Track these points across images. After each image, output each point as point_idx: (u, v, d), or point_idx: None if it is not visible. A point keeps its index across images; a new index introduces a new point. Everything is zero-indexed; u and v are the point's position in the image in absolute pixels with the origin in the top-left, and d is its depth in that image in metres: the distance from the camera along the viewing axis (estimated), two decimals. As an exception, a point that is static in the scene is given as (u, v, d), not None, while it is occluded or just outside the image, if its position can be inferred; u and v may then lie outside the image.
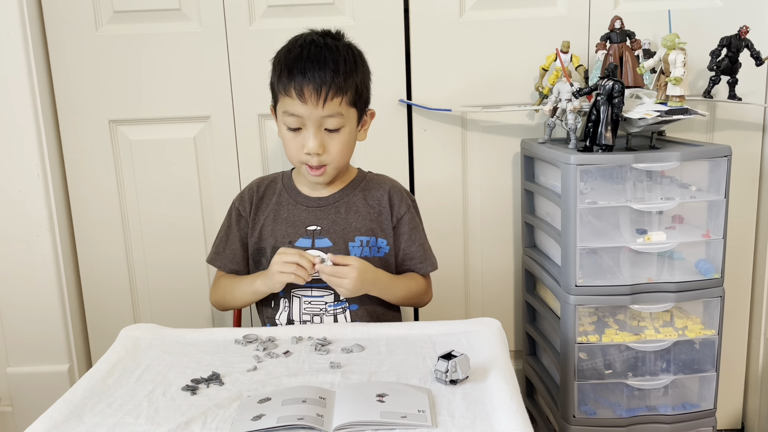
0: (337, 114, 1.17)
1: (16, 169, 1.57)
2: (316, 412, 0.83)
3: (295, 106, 1.17)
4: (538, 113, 1.63)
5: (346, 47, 1.21)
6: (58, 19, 1.57)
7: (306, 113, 1.17)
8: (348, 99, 1.18)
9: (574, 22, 1.59)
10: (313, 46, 1.18)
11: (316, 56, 1.16)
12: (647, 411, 1.42)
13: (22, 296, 1.64)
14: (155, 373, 1.00)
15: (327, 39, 1.20)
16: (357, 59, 1.21)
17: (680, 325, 1.40)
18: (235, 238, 1.32)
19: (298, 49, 1.18)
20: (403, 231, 1.29)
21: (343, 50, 1.19)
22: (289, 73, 1.16)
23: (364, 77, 1.23)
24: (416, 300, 1.33)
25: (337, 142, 1.20)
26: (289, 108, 1.18)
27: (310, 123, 1.18)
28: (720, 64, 1.46)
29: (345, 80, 1.16)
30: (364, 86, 1.23)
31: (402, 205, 1.30)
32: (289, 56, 1.18)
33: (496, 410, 0.85)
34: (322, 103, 1.15)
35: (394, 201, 1.30)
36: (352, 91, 1.18)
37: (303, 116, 1.17)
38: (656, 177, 1.35)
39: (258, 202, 1.31)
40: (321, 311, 1.24)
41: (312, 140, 1.18)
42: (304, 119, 1.17)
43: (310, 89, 1.15)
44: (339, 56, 1.17)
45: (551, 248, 1.51)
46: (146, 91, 1.61)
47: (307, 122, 1.18)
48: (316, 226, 1.26)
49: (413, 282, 1.31)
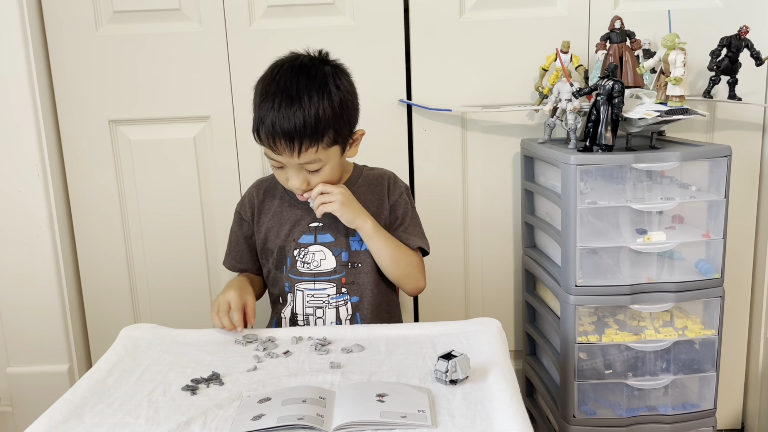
0: (314, 160, 1.17)
1: (16, 169, 1.57)
2: (316, 412, 0.83)
3: (272, 154, 1.17)
4: (538, 113, 1.63)
5: (322, 85, 1.15)
6: (58, 19, 1.57)
7: (283, 161, 1.17)
8: (325, 143, 1.16)
9: (574, 22, 1.59)
10: (285, 94, 1.14)
11: (287, 108, 1.13)
12: (647, 411, 1.42)
13: (22, 296, 1.64)
14: (155, 373, 1.00)
15: (300, 80, 1.15)
16: (333, 97, 1.15)
17: (680, 325, 1.40)
18: (240, 240, 1.36)
19: (270, 99, 1.15)
20: (393, 217, 1.31)
21: (317, 92, 1.15)
22: (261, 123, 1.15)
23: (344, 112, 1.18)
24: (408, 270, 1.28)
25: (320, 177, 1.20)
26: (268, 153, 1.19)
27: (289, 166, 1.18)
28: (720, 64, 1.46)
29: (318, 128, 1.13)
30: (344, 122, 1.18)
31: (395, 191, 1.32)
32: (263, 105, 1.15)
33: (496, 410, 0.85)
34: (297, 154, 1.14)
35: (390, 188, 1.32)
36: (330, 134, 1.16)
37: (281, 161, 1.18)
38: (656, 177, 1.35)
39: (259, 206, 1.33)
40: (323, 304, 1.27)
41: (294, 180, 1.19)
42: (283, 163, 1.18)
43: (282, 143, 1.14)
44: (311, 104, 1.13)
45: (551, 248, 1.51)
46: (146, 91, 1.61)
47: (287, 166, 1.19)
48: (318, 222, 1.28)
49: (403, 248, 1.28)
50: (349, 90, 1.21)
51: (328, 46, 1.34)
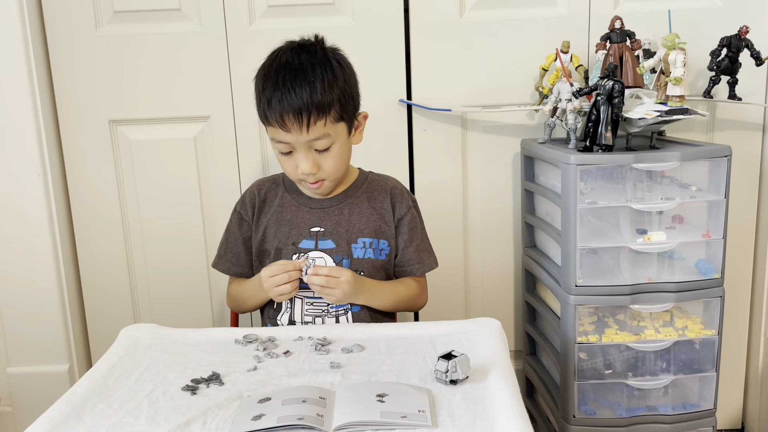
0: (323, 135, 1.16)
1: (16, 169, 1.57)
2: (316, 412, 0.83)
3: (280, 134, 1.16)
4: (538, 113, 1.63)
5: (323, 60, 1.16)
6: (58, 19, 1.57)
7: (292, 140, 1.16)
8: (333, 117, 1.16)
9: (574, 22, 1.59)
10: (288, 69, 1.14)
11: (291, 81, 1.13)
12: (647, 411, 1.42)
13: (22, 296, 1.63)
14: (155, 373, 1.00)
15: (302, 56, 1.16)
16: (336, 71, 1.16)
17: (680, 325, 1.40)
18: (238, 241, 1.32)
19: (274, 75, 1.15)
20: (402, 231, 1.30)
21: (320, 65, 1.15)
22: (268, 104, 1.15)
23: (347, 86, 1.18)
24: (407, 305, 1.32)
25: (330, 158, 1.19)
26: (276, 136, 1.18)
27: (299, 147, 1.17)
28: (720, 64, 1.46)
29: (325, 100, 1.14)
30: (348, 96, 1.19)
31: (402, 205, 1.30)
32: (267, 84, 1.16)
33: (496, 410, 0.85)
34: (306, 129, 1.14)
35: (395, 202, 1.30)
36: (336, 108, 1.16)
37: (290, 142, 1.17)
38: (656, 177, 1.35)
39: (260, 205, 1.31)
40: (323, 313, 1.25)
41: (304, 163, 1.18)
42: (292, 144, 1.17)
43: (291, 118, 1.13)
44: (315, 76, 1.14)
45: (551, 248, 1.51)
46: (146, 91, 1.61)
47: (296, 146, 1.18)
48: (320, 227, 1.26)
49: (402, 287, 1.30)
50: (350, 69, 1.22)
51: (328, 46, 1.34)
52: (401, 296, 1.29)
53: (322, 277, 1.16)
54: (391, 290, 1.28)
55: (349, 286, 1.17)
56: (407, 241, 1.30)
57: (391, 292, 1.27)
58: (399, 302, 1.29)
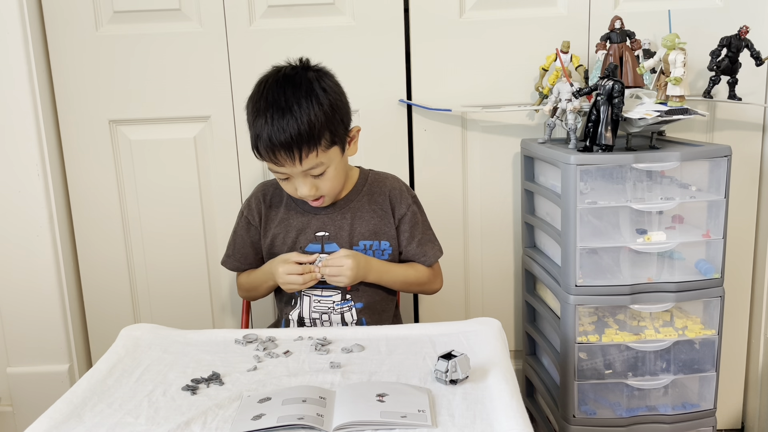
0: (317, 165, 1.19)
1: (16, 169, 1.57)
2: (316, 411, 0.83)
3: (275, 167, 1.20)
4: (538, 113, 1.63)
5: (308, 92, 1.17)
6: (58, 19, 1.57)
7: (287, 171, 1.20)
8: (324, 146, 1.18)
9: (574, 22, 1.59)
10: (275, 107, 1.16)
11: (279, 120, 1.15)
12: (647, 411, 1.42)
13: (22, 296, 1.63)
14: (155, 373, 1.00)
15: (287, 91, 1.17)
16: (322, 99, 1.18)
17: (680, 325, 1.40)
18: (246, 243, 1.38)
19: (263, 114, 1.17)
20: (403, 230, 1.33)
21: (305, 98, 1.16)
22: (259, 141, 1.18)
23: (335, 113, 1.19)
24: (418, 288, 1.38)
25: (327, 180, 1.23)
26: (271, 167, 1.21)
27: (295, 176, 1.21)
28: (720, 64, 1.46)
29: (313, 133, 1.16)
30: (338, 122, 1.20)
31: (402, 205, 1.33)
32: (256, 122, 1.18)
33: (496, 410, 0.85)
34: (298, 162, 1.17)
35: (394, 204, 1.33)
36: (326, 137, 1.18)
37: (286, 173, 1.21)
38: (656, 177, 1.35)
39: (267, 212, 1.35)
40: (329, 309, 1.30)
41: (302, 188, 1.22)
42: (288, 173, 1.21)
43: (283, 154, 1.16)
44: (302, 111, 1.15)
45: (551, 248, 1.51)
46: (146, 91, 1.61)
47: (292, 175, 1.21)
48: (324, 231, 1.30)
49: (412, 270, 1.34)
50: (336, 90, 1.23)
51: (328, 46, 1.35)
52: (411, 278, 1.34)
53: (329, 268, 1.24)
54: (401, 271, 1.33)
55: (351, 271, 1.23)
56: (409, 238, 1.34)
57: (400, 273, 1.33)
58: (409, 284, 1.35)
